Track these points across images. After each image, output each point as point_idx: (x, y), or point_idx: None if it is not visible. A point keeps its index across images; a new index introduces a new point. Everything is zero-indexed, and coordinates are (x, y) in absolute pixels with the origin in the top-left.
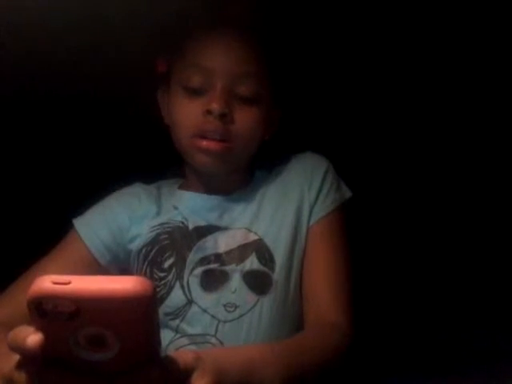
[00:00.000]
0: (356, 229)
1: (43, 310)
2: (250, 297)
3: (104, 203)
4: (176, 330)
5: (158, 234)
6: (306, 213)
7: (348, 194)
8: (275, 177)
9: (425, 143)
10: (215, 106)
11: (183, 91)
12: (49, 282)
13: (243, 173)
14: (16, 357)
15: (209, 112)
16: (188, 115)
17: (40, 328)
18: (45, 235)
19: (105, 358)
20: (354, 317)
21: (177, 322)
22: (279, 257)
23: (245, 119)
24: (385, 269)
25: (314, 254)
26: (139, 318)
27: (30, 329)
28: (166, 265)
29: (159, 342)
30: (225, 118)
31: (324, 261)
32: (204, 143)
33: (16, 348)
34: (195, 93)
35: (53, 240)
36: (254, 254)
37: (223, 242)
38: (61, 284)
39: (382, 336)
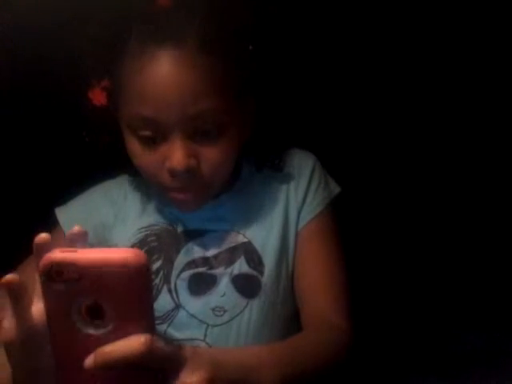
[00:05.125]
0: (348, 224)
1: (52, 278)
2: (239, 300)
3: (88, 197)
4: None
5: (147, 236)
6: (293, 215)
7: (337, 190)
8: (261, 177)
9: (416, 135)
10: (178, 168)
11: (134, 137)
12: (58, 251)
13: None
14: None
15: (172, 172)
16: (149, 168)
17: (48, 296)
18: (30, 226)
19: (103, 332)
20: (352, 316)
21: (164, 326)
22: (268, 259)
23: (213, 156)
24: (379, 265)
25: (306, 255)
26: (135, 288)
27: None
28: (154, 268)
29: (154, 320)
30: (191, 170)
31: (317, 262)
32: (176, 196)
33: None
34: (149, 140)
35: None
36: (242, 257)
37: (211, 245)
38: (67, 252)
39: (379, 336)
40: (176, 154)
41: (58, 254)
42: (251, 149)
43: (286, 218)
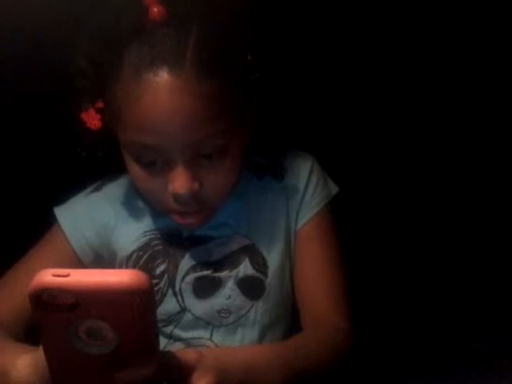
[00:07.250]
0: (347, 224)
1: (44, 303)
2: (244, 302)
3: (89, 197)
4: (170, 336)
5: (151, 240)
6: (293, 216)
7: (335, 189)
8: (260, 180)
9: (414, 134)
10: (182, 192)
11: (135, 162)
12: (49, 274)
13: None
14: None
15: (176, 197)
16: (152, 192)
17: (41, 320)
18: (28, 223)
19: (103, 352)
20: (352, 315)
21: (170, 328)
22: (272, 261)
23: (217, 178)
24: (379, 264)
25: (305, 255)
26: (136, 311)
27: None
28: (158, 271)
29: (157, 336)
30: (195, 193)
31: (316, 262)
32: (178, 220)
33: None
34: (151, 165)
35: (37, 226)
36: (247, 259)
37: (216, 251)
38: (60, 276)
39: (380, 336)
40: (179, 179)
41: (50, 279)
42: (250, 153)
43: (287, 219)
